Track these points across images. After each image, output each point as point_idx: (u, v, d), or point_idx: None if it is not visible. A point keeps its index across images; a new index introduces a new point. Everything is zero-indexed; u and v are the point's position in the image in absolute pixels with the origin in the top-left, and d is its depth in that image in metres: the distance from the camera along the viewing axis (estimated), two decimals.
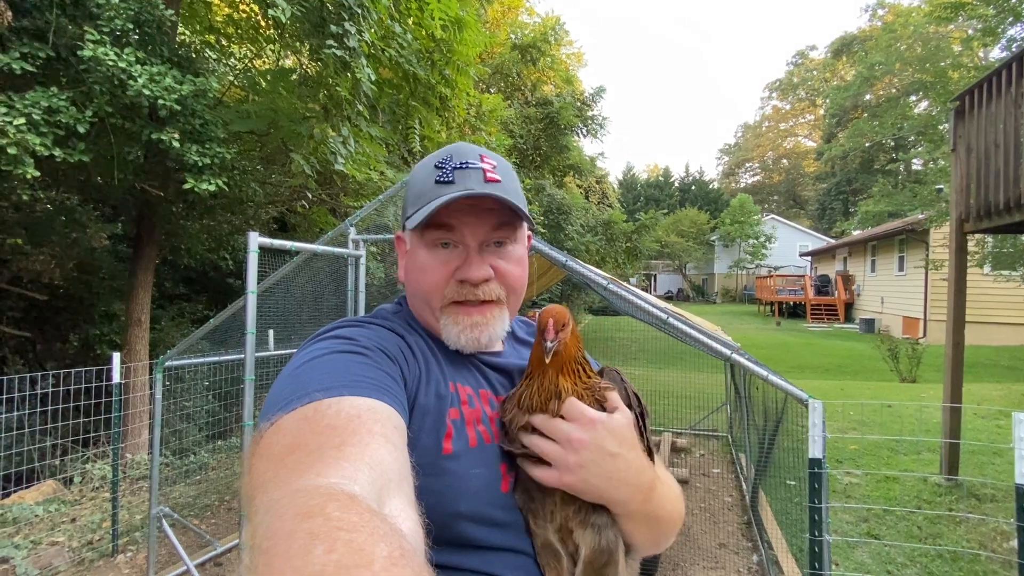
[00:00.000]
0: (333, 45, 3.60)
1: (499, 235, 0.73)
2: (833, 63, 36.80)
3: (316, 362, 0.60)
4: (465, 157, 0.72)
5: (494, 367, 0.77)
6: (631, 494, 0.65)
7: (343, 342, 0.64)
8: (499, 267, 0.73)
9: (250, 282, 2.01)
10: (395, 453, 0.49)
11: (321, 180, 5.89)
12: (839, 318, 20.15)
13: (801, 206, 45.22)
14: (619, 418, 0.66)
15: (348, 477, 0.42)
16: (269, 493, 0.41)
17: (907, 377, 9.24)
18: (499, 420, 0.70)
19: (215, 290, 7.89)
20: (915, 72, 14.43)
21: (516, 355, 0.83)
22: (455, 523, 0.61)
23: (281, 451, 0.46)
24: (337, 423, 0.49)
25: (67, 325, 6.31)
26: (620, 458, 0.65)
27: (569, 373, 0.68)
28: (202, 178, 3.60)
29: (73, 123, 3.31)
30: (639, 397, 0.73)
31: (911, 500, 4.06)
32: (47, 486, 4.42)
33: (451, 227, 0.71)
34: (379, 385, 0.58)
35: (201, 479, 4.77)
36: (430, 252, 0.73)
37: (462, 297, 0.72)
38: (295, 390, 0.54)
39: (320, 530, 0.33)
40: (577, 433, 0.64)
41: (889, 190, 16.21)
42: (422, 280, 0.73)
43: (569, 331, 0.69)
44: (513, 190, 0.73)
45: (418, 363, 0.69)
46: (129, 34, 3.31)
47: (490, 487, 0.65)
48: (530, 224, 0.80)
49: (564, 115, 12.61)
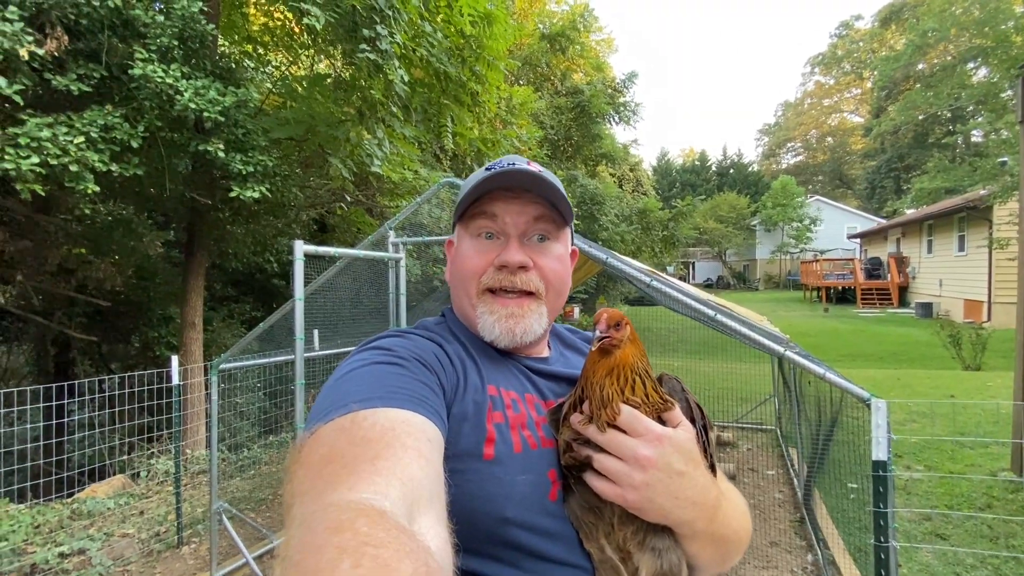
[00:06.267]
0: (366, 49, 3.64)
1: (540, 228, 0.75)
2: (881, 32, 34.68)
3: (355, 373, 0.61)
4: (513, 161, 0.75)
5: (540, 372, 0.76)
6: (697, 514, 0.63)
7: (382, 353, 0.65)
8: (538, 260, 0.74)
9: (297, 289, 2.07)
10: (427, 468, 0.49)
11: (357, 181, 6.00)
12: (892, 303, 19.14)
13: (848, 186, 43.07)
14: (684, 434, 0.64)
15: (379, 492, 0.42)
16: (303, 506, 0.42)
17: (971, 364, 8.68)
18: (544, 426, 0.69)
19: (261, 291, 8.19)
20: (972, 37, 13.40)
21: (563, 360, 0.81)
22: (504, 528, 0.60)
23: (318, 461, 0.48)
24: (372, 435, 0.49)
25: (128, 328, 6.70)
26: (687, 476, 0.62)
27: (624, 381, 0.64)
28: (246, 186, 3.72)
29: (127, 138, 3.48)
30: (702, 409, 0.70)
31: (979, 497, 3.83)
32: (117, 480, 4.72)
33: (494, 215, 0.74)
34: (415, 396, 0.58)
35: (255, 474, 4.98)
36: (474, 241, 0.75)
37: (499, 284, 0.73)
38: (334, 401, 0.56)
39: (348, 544, 0.34)
40: (644, 450, 0.61)
41: (946, 165, 15.17)
42: (463, 267, 0.75)
43: (626, 334, 0.66)
44: (556, 190, 0.75)
45: (456, 371, 0.69)
46: (174, 50, 3.45)
47: (536, 494, 0.64)
48: (570, 225, 0.80)
49: (595, 103, 12.40)
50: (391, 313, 3.05)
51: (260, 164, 3.73)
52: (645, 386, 0.65)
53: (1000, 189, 9.31)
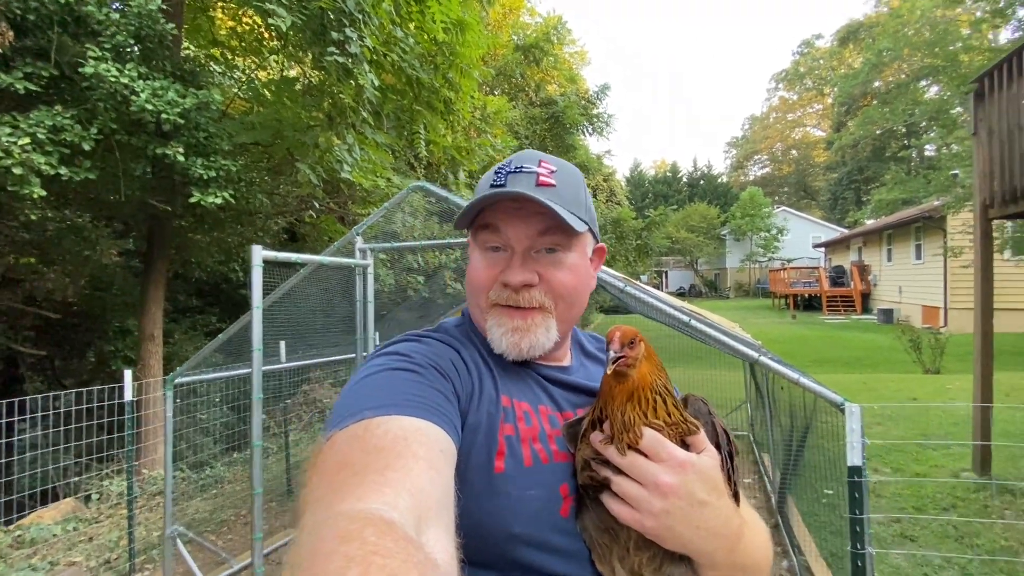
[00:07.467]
0: (335, 52, 3.56)
1: (547, 241, 0.71)
2: (840, 51, 36.22)
3: (371, 379, 0.61)
4: (523, 162, 0.72)
5: (557, 382, 0.75)
6: (718, 545, 0.60)
7: (398, 359, 0.65)
8: (545, 274, 0.71)
9: (255, 298, 1.96)
10: (437, 480, 0.50)
11: (328, 189, 5.87)
12: (856, 309, 19.79)
13: (812, 197, 44.62)
14: (708, 460, 0.62)
15: (388, 503, 0.43)
16: (314, 514, 0.43)
17: (930, 368, 9.00)
18: (558, 438, 0.67)
19: (228, 302, 7.92)
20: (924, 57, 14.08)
21: (583, 371, 0.80)
22: (510, 545, 0.59)
23: (332, 468, 0.49)
24: (383, 444, 0.50)
25: (83, 342, 6.36)
26: (709, 507, 0.60)
27: (646, 403, 0.62)
28: (208, 191, 3.58)
29: (78, 141, 3.31)
30: (728, 433, 0.67)
31: (944, 498, 3.92)
32: (66, 504, 4.42)
33: (497, 229, 0.71)
34: (430, 404, 0.58)
35: (217, 493, 4.75)
36: (481, 254, 0.74)
37: (504, 300, 0.72)
38: (349, 407, 0.56)
39: (356, 554, 0.34)
40: (665, 477, 0.59)
41: (902, 177, 15.83)
42: (472, 280, 0.75)
43: (640, 351, 0.63)
44: (569, 197, 0.71)
45: (471, 378, 0.68)
46: (130, 49, 3.30)
47: (547, 510, 0.62)
48: (591, 227, 0.75)
49: (569, 114, 12.53)
50: (358, 323, 2.95)
51: (223, 169, 3.59)
52: (667, 404, 0.63)
53: (953, 200, 9.74)
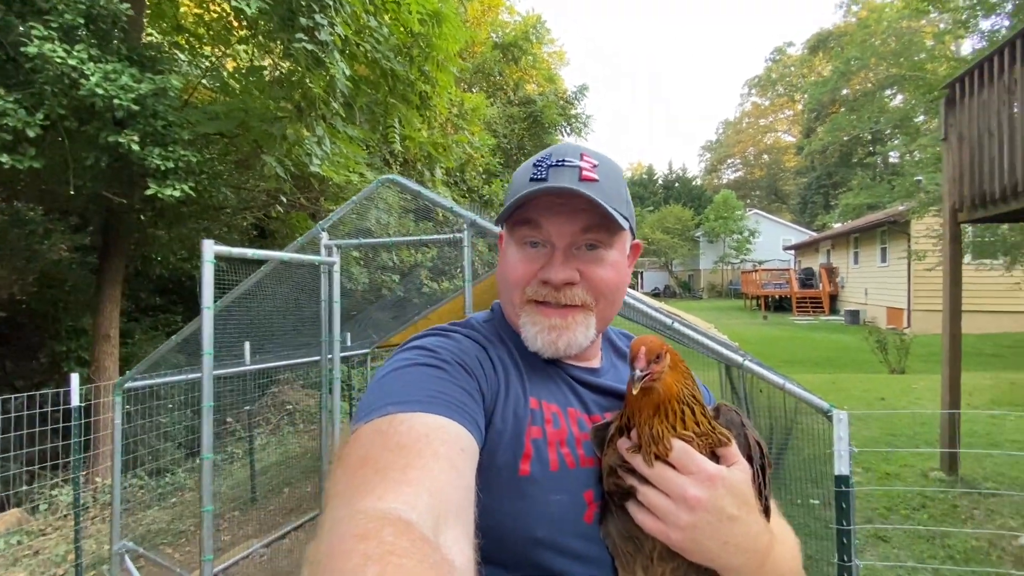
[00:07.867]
0: (303, 39, 3.39)
1: (589, 238, 0.69)
2: (810, 59, 37.28)
3: (396, 374, 0.61)
4: (564, 155, 0.69)
5: (587, 384, 0.72)
6: (745, 560, 0.59)
7: (424, 354, 0.64)
8: (586, 271, 0.69)
9: (206, 297, 1.81)
10: (458, 481, 0.49)
11: (299, 184, 5.66)
12: (824, 310, 20.31)
13: (783, 200, 45.74)
14: (739, 474, 0.60)
15: (407, 503, 0.43)
16: (335, 510, 0.44)
17: (896, 368, 9.26)
18: (586, 442, 0.66)
19: (192, 300, 7.58)
20: (890, 66, 14.53)
21: (613, 372, 0.78)
22: (533, 549, 0.59)
23: (355, 463, 0.49)
24: (406, 442, 0.50)
25: (34, 342, 5.99)
26: (739, 522, 0.58)
27: (673, 415, 0.60)
28: (166, 183, 3.37)
29: (22, 127, 3.06)
30: (762, 445, 0.64)
31: (914, 498, 3.98)
32: (11, 516, 4.14)
33: (538, 224, 0.69)
34: (454, 402, 0.57)
35: (177, 502, 4.51)
36: (518, 249, 0.71)
37: (542, 297, 0.70)
38: (375, 401, 0.56)
39: (374, 552, 0.35)
40: (693, 490, 0.57)
41: (868, 183, 16.32)
42: (507, 276, 0.72)
43: (666, 363, 0.61)
44: (613, 193, 0.69)
45: (498, 377, 0.67)
46: (80, 30, 3.07)
47: (571, 516, 0.62)
48: (630, 223, 0.73)
49: (547, 114, 12.52)
50: (323, 323, 2.80)
51: (182, 160, 3.38)
52: (695, 413, 0.61)
53: (917, 205, 10.04)
